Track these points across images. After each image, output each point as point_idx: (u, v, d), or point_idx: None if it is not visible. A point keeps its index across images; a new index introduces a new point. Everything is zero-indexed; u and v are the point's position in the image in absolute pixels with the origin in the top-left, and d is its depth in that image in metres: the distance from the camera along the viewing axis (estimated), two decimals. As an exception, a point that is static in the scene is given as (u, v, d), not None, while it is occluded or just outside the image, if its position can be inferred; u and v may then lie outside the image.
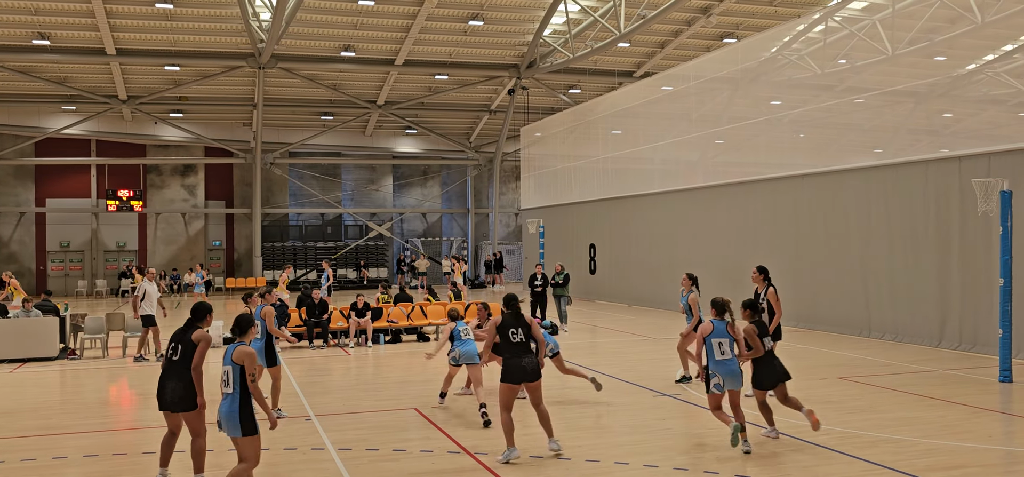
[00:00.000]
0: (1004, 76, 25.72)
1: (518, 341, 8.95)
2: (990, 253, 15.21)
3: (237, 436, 7.10)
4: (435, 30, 32.50)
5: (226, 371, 7.14)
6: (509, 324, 9.01)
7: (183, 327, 7.96)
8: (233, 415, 7.04)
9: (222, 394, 7.17)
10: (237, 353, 7.15)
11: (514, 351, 8.93)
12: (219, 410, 7.15)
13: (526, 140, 39.14)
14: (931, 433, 9.81)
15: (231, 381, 7.10)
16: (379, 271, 42.31)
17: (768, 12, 31.23)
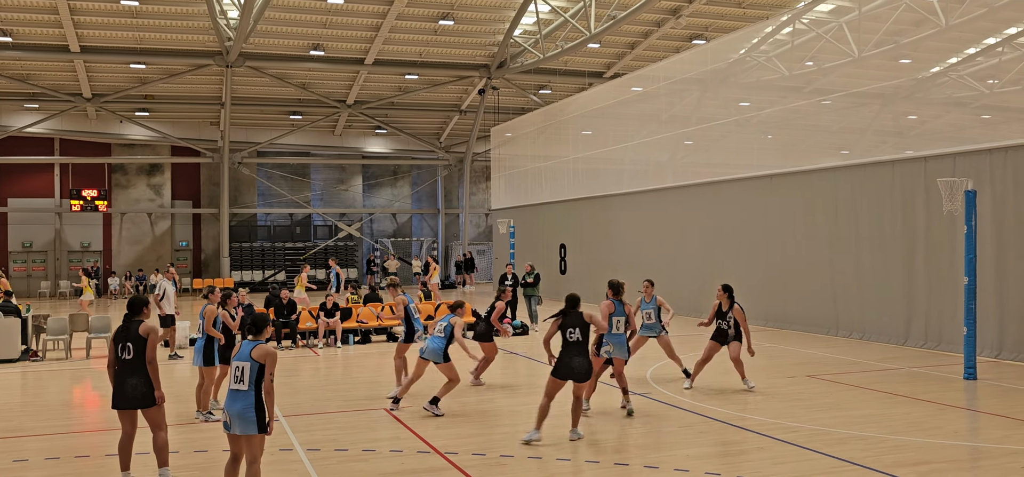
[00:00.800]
0: (968, 78, 26.13)
1: (574, 340, 9.26)
2: (955, 252, 15.43)
3: (251, 434, 6.93)
4: (405, 29, 32.35)
5: (241, 367, 6.92)
6: (568, 322, 9.33)
7: (124, 325, 7.83)
8: (248, 411, 6.86)
9: (232, 390, 6.94)
10: (258, 351, 6.95)
11: (567, 349, 9.26)
12: (228, 407, 6.94)
13: (496, 140, 39.10)
14: (898, 430, 9.91)
15: (247, 378, 6.90)
16: (349, 272, 42.01)
17: (737, 14, 31.46)
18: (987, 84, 25.74)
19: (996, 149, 15.33)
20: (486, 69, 36.04)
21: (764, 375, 13.66)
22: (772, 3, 30.45)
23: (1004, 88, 25.24)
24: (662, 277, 25.66)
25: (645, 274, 26.75)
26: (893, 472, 8.05)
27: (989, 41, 24.55)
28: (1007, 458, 8.58)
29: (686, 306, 24.17)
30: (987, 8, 20.68)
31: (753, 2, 30.98)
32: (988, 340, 14.92)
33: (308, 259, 42.40)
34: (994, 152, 15.31)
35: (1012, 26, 23.50)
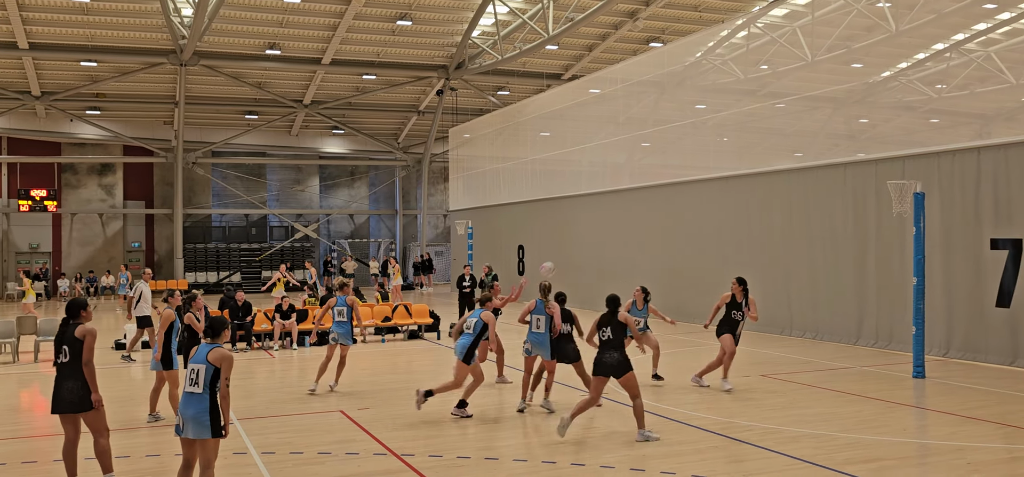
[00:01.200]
0: (917, 83, 26.72)
1: (606, 339, 9.64)
2: (904, 253, 15.75)
3: (206, 438, 6.80)
4: (363, 29, 32.14)
5: (197, 370, 6.79)
6: (602, 321, 9.73)
7: (61, 328, 7.67)
8: (202, 416, 6.73)
9: (187, 394, 6.80)
10: (214, 354, 6.82)
11: (602, 347, 9.69)
12: (182, 411, 6.80)
13: (455, 141, 39.03)
14: (849, 427, 10.08)
15: (201, 381, 6.76)
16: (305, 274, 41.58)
17: (693, 17, 31.80)
18: (936, 89, 26.35)
19: (944, 152, 15.69)
20: (444, 70, 35.95)
21: (719, 374, 13.80)
22: (728, 7, 30.83)
23: (952, 93, 25.85)
24: (620, 278, 25.83)
25: (603, 275, 27.01)
26: (844, 469, 8.18)
27: (937, 47, 25.12)
28: (953, 454, 8.78)
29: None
30: (936, 14, 21.18)
31: (709, 6, 31.34)
32: (937, 339, 15.26)
33: (264, 261, 41.90)
34: (942, 155, 15.67)
35: (959, 32, 24.10)
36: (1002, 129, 25.89)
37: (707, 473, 8.13)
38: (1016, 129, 24.67)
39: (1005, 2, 21.90)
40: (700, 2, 31.16)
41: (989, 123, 26.91)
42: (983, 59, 24.36)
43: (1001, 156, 14.56)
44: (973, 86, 25.14)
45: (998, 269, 14.38)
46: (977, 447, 9.06)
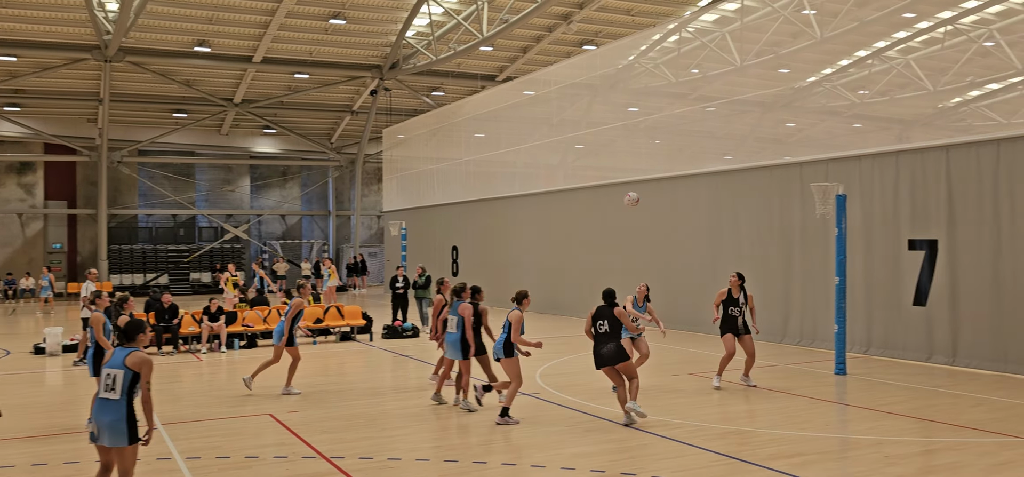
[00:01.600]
0: (840, 89, 27.51)
1: (603, 331, 10.22)
2: (827, 253, 16.19)
3: (122, 446, 6.57)
4: (295, 27, 31.67)
5: (113, 375, 6.53)
6: (598, 315, 10.28)
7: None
8: (119, 423, 6.48)
9: (102, 400, 6.55)
10: (132, 358, 6.57)
11: (598, 339, 10.26)
12: (96, 418, 6.54)
13: (389, 142, 38.77)
14: (774, 423, 10.33)
15: (118, 387, 6.50)
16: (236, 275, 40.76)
17: (626, 21, 32.17)
18: (858, 95, 27.18)
19: (865, 156, 16.19)
20: (378, 70, 35.67)
21: (649, 374, 14.00)
22: (659, 12, 31.27)
23: (873, 99, 26.71)
24: (553, 278, 26.03)
25: (537, 275, 27.12)
26: (768, 464, 8.38)
27: (860, 54, 25.93)
28: (871, 448, 9.07)
29: (573, 307, 24.54)
30: (858, 22, 21.82)
31: (641, 10, 31.74)
32: (858, 337, 15.74)
33: (193, 262, 40.96)
34: (863, 159, 16.17)
35: (880, 40, 24.91)
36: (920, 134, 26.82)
37: (635, 470, 8.24)
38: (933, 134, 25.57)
39: (923, 12, 22.70)
40: (632, 6, 31.55)
41: (908, 128, 27.85)
42: (903, 66, 25.21)
43: (918, 160, 15.10)
44: (893, 92, 26.01)
45: (915, 269, 14.91)
46: (894, 440, 9.37)
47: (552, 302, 25.93)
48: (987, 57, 23.61)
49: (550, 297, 26.09)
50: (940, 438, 9.48)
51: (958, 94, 26.42)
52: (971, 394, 11.94)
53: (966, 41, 23.31)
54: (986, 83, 25.51)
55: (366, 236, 45.73)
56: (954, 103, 27.36)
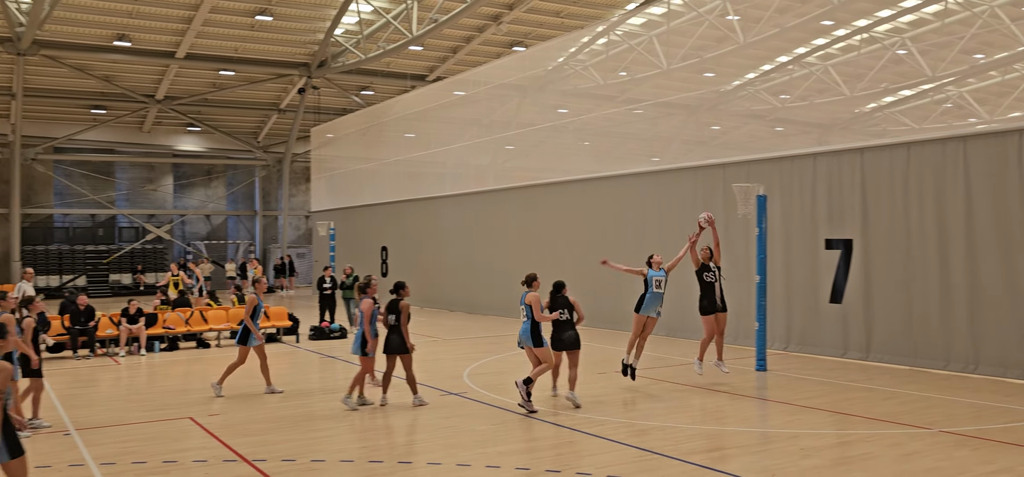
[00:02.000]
0: (763, 93, 28.23)
1: (565, 319, 11.14)
2: (749, 252, 16.58)
3: (5, 462, 6.20)
4: (220, 23, 31.00)
5: None
6: (557, 304, 11.25)
7: None
8: None
9: None
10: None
11: (558, 326, 11.14)
12: None
13: (317, 141, 38.27)
14: (696, 419, 10.54)
15: None
16: (158, 276, 39.70)
17: (555, 23, 32.41)
18: (780, 99, 27.94)
19: (784, 158, 16.63)
20: (306, 68, 35.17)
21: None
22: (588, 14, 31.59)
23: (793, 103, 27.48)
24: (482, 278, 26.04)
25: (466, 275, 27.09)
26: (689, 459, 8.54)
27: (781, 59, 26.67)
28: (789, 441, 9.32)
29: (502, 307, 24.60)
30: (779, 28, 22.44)
31: (571, 13, 32.02)
32: (778, 334, 16.16)
33: (113, 263, 39.72)
34: (783, 160, 16.61)
35: (800, 46, 25.66)
36: (838, 137, 27.73)
37: (560, 467, 8.30)
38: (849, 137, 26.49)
39: (841, 20, 23.47)
40: (562, 8, 31.79)
41: (827, 132, 28.75)
42: (822, 72, 26.03)
43: (834, 162, 15.58)
44: (813, 97, 26.83)
45: (832, 267, 15.38)
46: (810, 434, 9.65)
47: (481, 302, 25.95)
48: (900, 64, 24.54)
49: (479, 297, 26.10)
50: (854, 430, 9.80)
51: (873, 100, 27.40)
52: (883, 388, 12.37)
53: (881, 49, 24.19)
54: (899, 90, 26.50)
55: (294, 236, 45.04)
56: (870, 108, 28.36)
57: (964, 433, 9.49)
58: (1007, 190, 13.06)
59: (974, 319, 13.32)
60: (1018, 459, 8.36)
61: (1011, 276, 12.89)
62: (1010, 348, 12.92)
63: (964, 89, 27.00)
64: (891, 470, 8.07)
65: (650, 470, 8.16)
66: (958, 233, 13.62)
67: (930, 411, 10.74)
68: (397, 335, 11.28)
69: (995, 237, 13.18)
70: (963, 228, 13.55)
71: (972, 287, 13.37)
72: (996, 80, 26.24)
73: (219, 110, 39.61)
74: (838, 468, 8.20)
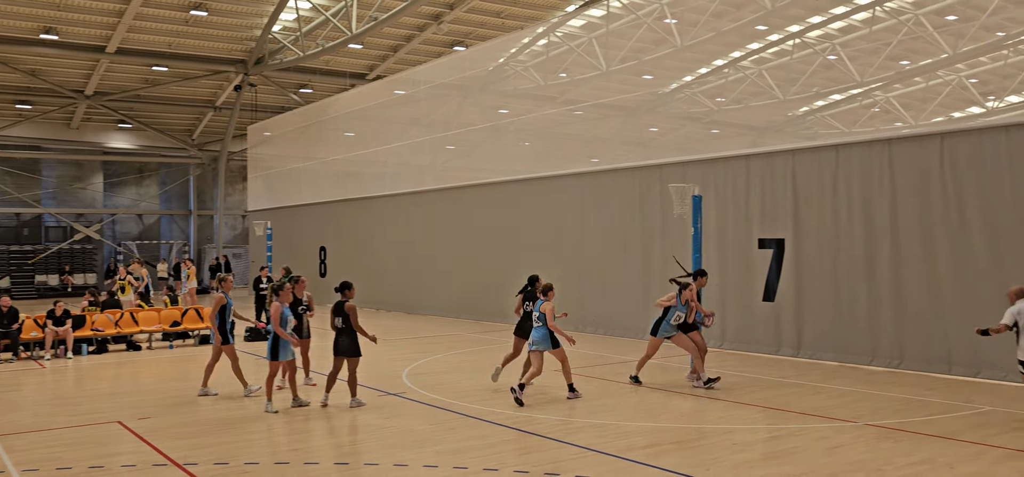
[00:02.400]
0: (699, 95, 28.68)
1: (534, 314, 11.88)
2: (686, 251, 16.82)
3: None
4: (153, 17, 30.25)
5: None
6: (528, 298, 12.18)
7: None
8: None
9: None
10: None
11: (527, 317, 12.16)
12: None
13: (254, 139, 37.64)
14: (631, 416, 10.67)
15: None
16: (87, 277, 38.59)
17: (496, 23, 32.44)
18: (716, 101, 28.43)
19: (719, 159, 16.95)
20: (243, 65, 34.57)
21: (515, 371, 14.19)
22: (529, 15, 31.71)
23: (729, 106, 27.99)
24: (422, 278, 25.94)
25: (406, 276, 26.93)
26: (625, 455, 8.64)
27: (717, 63, 27.15)
28: (722, 436, 9.51)
29: (442, 307, 24.58)
30: (715, 32, 22.83)
31: (511, 14, 32.09)
32: (713, 331, 16.41)
33: (39, 264, 38.46)
34: (717, 161, 16.92)
35: (736, 50, 26.16)
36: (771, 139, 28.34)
37: (498, 466, 8.32)
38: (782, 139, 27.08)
39: (774, 25, 24.00)
40: (502, 9, 31.84)
41: (760, 134, 29.36)
42: (756, 76, 26.58)
43: (767, 164, 15.93)
44: (747, 100, 27.37)
45: (764, 266, 15.73)
46: (743, 428, 9.85)
47: (421, 302, 25.85)
48: (830, 70, 25.19)
49: (418, 297, 26.00)
50: (785, 425, 10.04)
51: (805, 103, 28.07)
52: (813, 383, 12.70)
53: (812, 54, 24.79)
54: (829, 94, 27.21)
55: (230, 236, 44.23)
56: (801, 112, 29.06)
57: (888, 426, 9.80)
58: (929, 192, 13.53)
59: (899, 316, 13.76)
60: (938, 450, 8.67)
61: (933, 274, 13.36)
62: (932, 344, 13.39)
63: (890, 94, 27.86)
64: (819, 462, 8.29)
65: (587, 467, 8.23)
66: (884, 233, 14.05)
67: (857, 405, 11.06)
68: (346, 337, 11.10)
69: (918, 237, 13.64)
70: (888, 228, 13.99)
71: (897, 285, 13.81)
72: (920, 86, 27.14)
73: (152, 106, 38.68)
74: (768, 462, 8.39)
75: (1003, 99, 26.96)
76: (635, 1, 22.58)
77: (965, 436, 9.28)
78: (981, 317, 12.89)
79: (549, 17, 28.57)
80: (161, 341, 18.76)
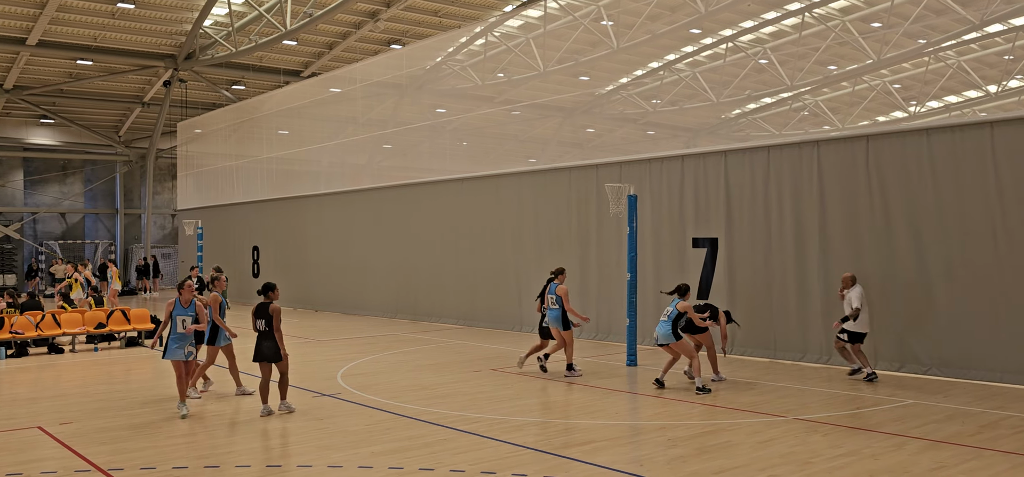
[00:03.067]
0: (635, 97, 29.02)
1: None
2: (620, 250, 16.99)
3: None
4: (77, 9, 29.27)
5: None
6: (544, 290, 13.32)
7: None
8: None
9: None
10: None
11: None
12: None
13: (184, 136, 36.76)
14: (569, 414, 10.71)
15: None
16: (6, 278, 37.17)
17: (433, 22, 32.28)
18: (651, 103, 28.81)
19: (654, 159, 17.15)
20: (172, 60, 33.69)
21: (452, 370, 14.15)
22: (466, 14, 31.64)
23: (664, 108, 28.39)
24: (358, 278, 25.65)
25: (342, 275, 26.62)
26: (561, 453, 8.66)
27: (652, 65, 27.52)
28: (657, 432, 9.61)
29: (379, 307, 24.36)
30: (650, 35, 23.11)
31: (449, 13, 31.97)
32: (648, 330, 16.59)
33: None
34: (652, 162, 17.12)
35: (670, 53, 26.54)
36: (704, 141, 28.87)
37: (434, 465, 8.25)
38: (715, 141, 27.62)
39: (708, 28, 24.43)
40: (440, 8, 31.69)
41: (694, 135, 29.88)
42: (690, 79, 27.03)
43: (701, 164, 16.18)
44: (682, 102, 27.82)
45: (699, 265, 15.97)
46: (677, 424, 9.97)
47: (357, 302, 25.57)
48: (762, 73, 25.78)
49: (354, 297, 25.71)
50: (718, 420, 10.19)
51: (738, 106, 28.65)
52: (745, 380, 12.93)
53: (745, 58, 25.31)
54: (761, 97, 27.82)
55: (159, 236, 43.10)
56: (734, 114, 29.65)
57: (817, 420, 10.04)
58: (856, 192, 13.92)
59: (828, 313, 14.10)
60: (864, 443, 8.91)
61: (859, 272, 13.72)
62: (859, 340, 13.75)
63: (819, 98, 28.63)
64: (750, 456, 8.44)
65: (524, 465, 8.22)
66: (813, 232, 14.40)
67: (787, 400, 11.30)
68: (269, 341, 10.57)
69: (845, 235, 14.02)
70: (817, 227, 14.34)
71: (826, 283, 14.16)
72: (847, 91, 27.95)
73: (76, 102, 37.43)
74: (702, 456, 8.50)
75: (924, 104, 27.96)
76: (572, 2, 22.72)
77: (888, 428, 9.56)
78: (905, 314, 13.32)
79: (487, 17, 28.56)
80: (85, 344, 18.16)
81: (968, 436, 9.20)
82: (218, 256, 29.79)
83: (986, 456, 8.37)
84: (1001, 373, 12.25)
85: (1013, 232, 12.22)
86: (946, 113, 27.99)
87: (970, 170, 12.67)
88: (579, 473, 7.97)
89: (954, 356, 12.75)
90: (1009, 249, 12.25)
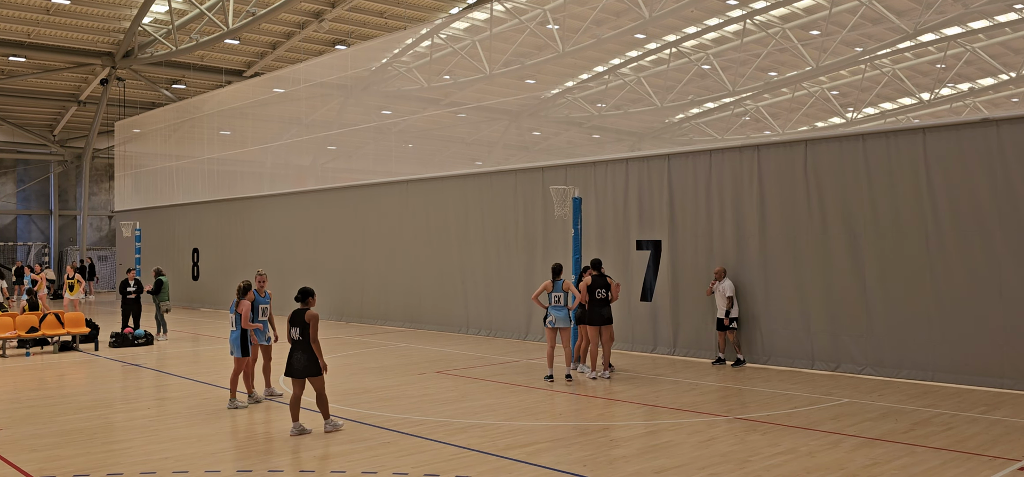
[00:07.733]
0: (581, 101, 29.23)
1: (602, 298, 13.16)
2: (567, 253, 17.09)
3: None
4: (10, 4, 28.40)
5: None
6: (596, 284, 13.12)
7: None
8: None
9: None
10: None
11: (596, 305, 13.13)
12: None
13: (122, 136, 35.91)
14: (513, 416, 10.72)
15: None
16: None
17: (379, 23, 32.09)
18: (597, 107, 29.04)
19: (599, 162, 17.29)
20: (110, 57, 32.90)
21: (396, 373, 14.06)
22: (412, 16, 31.53)
23: (609, 111, 28.64)
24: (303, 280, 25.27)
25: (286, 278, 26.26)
26: (505, 454, 8.67)
27: (598, 69, 27.74)
28: (600, 433, 9.68)
29: (329, 309, 24.08)
30: (596, 39, 23.32)
31: (394, 14, 31.81)
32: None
33: None
34: (597, 165, 17.25)
35: (616, 57, 26.79)
36: (649, 144, 29.20)
37: (376, 468, 8.19)
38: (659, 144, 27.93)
39: (652, 33, 24.71)
40: (385, 9, 31.52)
41: (639, 139, 30.20)
42: (635, 83, 27.32)
43: (644, 167, 16.36)
44: (626, 106, 28.10)
45: (643, 267, 16.14)
46: (620, 425, 10.06)
47: (301, 306, 25.23)
48: (705, 79, 26.17)
49: (299, 300, 25.37)
50: (660, 421, 10.31)
51: (681, 110, 29.04)
52: (688, 380, 13.11)
53: (688, 63, 25.68)
54: (704, 102, 28.26)
55: (95, 238, 42.02)
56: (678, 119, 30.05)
57: (756, 419, 10.22)
58: (794, 195, 14.22)
59: (767, 314, 14.38)
60: (801, 441, 9.10)
61: (798, 274, 14.03)
62: (797, 340, 14.06)
63: (760, 103, 29.18)
64: (692, 455, 8.55)
65: (467, 467, 8.21)
66: (753, 234, 14.67)
67: (727, 400, 11.49)
68: (303, 353, 9.70)
69: (783, 237, 14.31)
70: (757, 229, 14.62)
71: (766, 284, 14.44)
72: (787, 96, 28.53)
73: (8, 100, 36.31)
74: (644, 456, 8.59)
75: (861, 110, 28.69)
76: (518, 6, 22.78)
77: (825, 426, 9.78)
78: (842, 314, 13.64)
79: (433, 18, 28.50)
80: (16, 348, 17.61)
81: (901, 433, 9.46)
82: (157, 258, 29.15)
83: (918, 452, 8.62)
84: (933, 372, 12.63)
85: (944, 235, 12.60)
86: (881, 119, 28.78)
87: (904, 175, 13.04)
88: (523, 474, 7.98)
89: (888, 356, 13.10)
90: (940, 252, 12.63)
